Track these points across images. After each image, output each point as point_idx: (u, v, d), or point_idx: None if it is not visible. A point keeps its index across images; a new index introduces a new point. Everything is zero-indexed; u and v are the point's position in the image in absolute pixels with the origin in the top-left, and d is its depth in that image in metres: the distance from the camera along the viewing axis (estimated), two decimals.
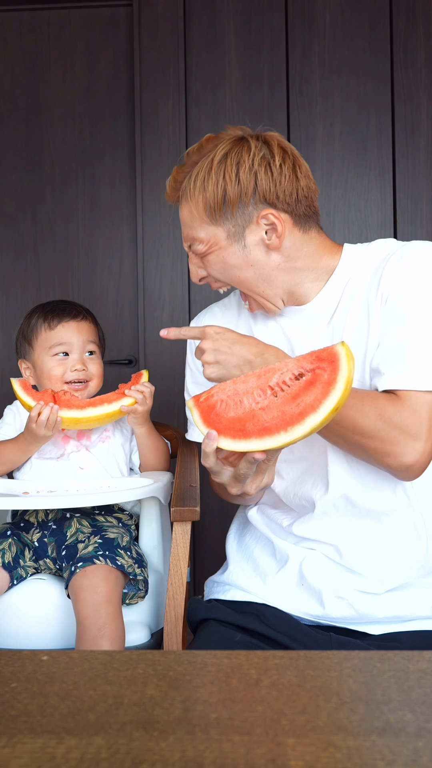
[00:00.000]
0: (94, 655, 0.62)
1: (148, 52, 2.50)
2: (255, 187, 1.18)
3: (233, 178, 1.17)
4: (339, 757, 0.45)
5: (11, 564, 1.39)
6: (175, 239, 2.51)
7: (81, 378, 1.51)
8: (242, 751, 0.46)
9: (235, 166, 1.18)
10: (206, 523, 2.50)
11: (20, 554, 1.42)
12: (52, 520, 1.47)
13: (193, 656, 0.62)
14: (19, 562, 1.41)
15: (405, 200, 2.47)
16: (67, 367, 1.50)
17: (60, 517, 1.47)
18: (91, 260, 2.61)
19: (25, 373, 1.55)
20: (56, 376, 1.50)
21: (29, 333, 1.53)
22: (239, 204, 1.18)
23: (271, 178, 1.18)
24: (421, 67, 2.46)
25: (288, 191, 1.19)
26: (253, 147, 1.19)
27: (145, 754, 0.46)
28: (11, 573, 1.38)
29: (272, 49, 2.50)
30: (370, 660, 0.60)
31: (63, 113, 2.61)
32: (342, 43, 2.48)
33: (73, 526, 1.45)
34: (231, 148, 1.19)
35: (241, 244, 1.20)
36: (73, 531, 1.44)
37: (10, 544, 1.42)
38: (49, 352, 1.51)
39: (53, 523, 1.46)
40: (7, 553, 1.40)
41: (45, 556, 1.44)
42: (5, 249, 2.62)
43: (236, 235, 1.20)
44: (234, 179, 1.17)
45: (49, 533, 1.45)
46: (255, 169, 1.18)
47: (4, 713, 0.52)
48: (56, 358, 1.50)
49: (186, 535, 1.35)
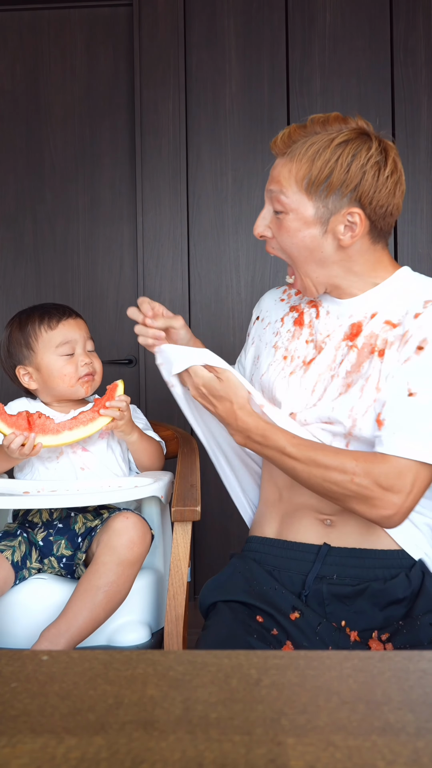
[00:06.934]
0: (94, 655, 0.62)
1: (148, 52, 2.50)
2: (358, 184, 1.22)
3: (344, 166, 1.21)
4: (339, 757, 0.45)
5: (19, 564, 1.39)
6: (175, 239, 2.51)
7: (90, 371, 1.52)
8: (242, 751, 0.46)
9: (350, 156, 1.21)
10: (207, 523, 2.50)
11: (28, 554, 1.42)
12: (57, 518, 1.47)
13: (193, 656, 0.62)
14: (26, 563, 1.41)
15: (405, 200, 2.46)
16: (76, 364, 1.50)
17: (65, 516, 1.47)
18: (91, 260, 2.61)
19: (23, 379, 1.52)
20: (69, 374, 1.49)
21: (26, 338, 1.51)
22: (337, 191, 1.22)
23: (375, 183, 1.22)
24: (421, 67, 2.46)
25: (382, 202, 1.24)
26: (374, 148, 1.23)
27: (145, 754, 0.46)
28: (17, 573, 1.39)
29: (272, 49, 2.50)
30: (370, 660, 0.60)
31: (63, 113, 2.61)
32: (342, 43, 2.48)
33: (79, 521, 1.45)
34: (354, 138, 1.23)
35: (323, 228, 1.25)
36: (80, 525, 1.45)
37: (20, 542, 1.42)
38: (55, 351, 1.50)
39: (59, 522, 1.47)
40: (17, 551, 1.40)
41: (50, 554, 1.45)
42: (5, 249, 2.62)
43: (322, 217, 1.24)
44: (345, 167, 1.21)
45: (55, 531, 1.46)
46: (365, 168, 1.22)
47: (4, 713, 0.52)
48: (64, 358, 1.50)
49: (187, 535, 1.35)
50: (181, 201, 2.50)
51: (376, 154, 1.23)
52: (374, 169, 1.22)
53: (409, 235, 2.45)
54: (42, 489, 1.41)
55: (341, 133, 1.23)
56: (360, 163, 1.21)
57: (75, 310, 1.59)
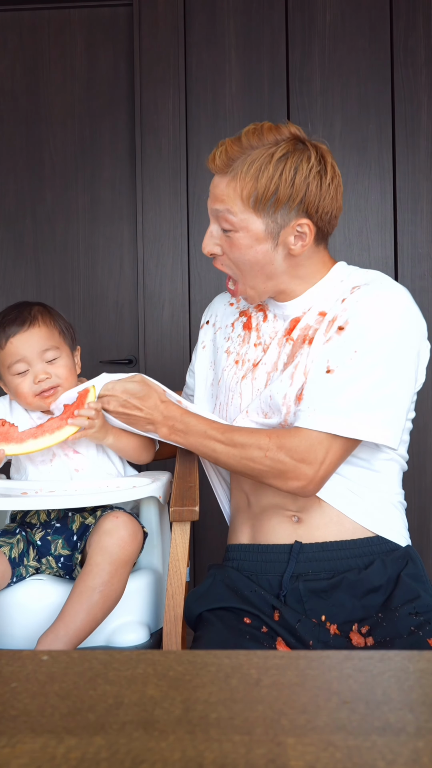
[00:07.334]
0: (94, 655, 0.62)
1: (148, 52, 2.50)
2: (304, 196, 1.24)
3: (288, 181, 1.23)
4: (339, 757, 0.45)
5: (16, 560, 1.39)
6: (175, 239, 2.51)
7: (49, 386, 1.43)
8: (242, 751, 0.46)
9: (293, 170, 1.23)
10: (205, 523, 2.50)
11: (26, 552, 1.42)
12: (55, 518, 1.47)
13: (193, 656, 0.62)
14: (23, 561, 1.41)
15: (405, 200, 2.47)
16: (30, 381, 1.42)
17: (63, 516, 1.47)
18: (91, 260, 2.61)
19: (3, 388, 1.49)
20: (24, 393, 1.43)
21: None
22: (285, 206, 1.24)
23: (319, 193, 1.25)
24: (421, 67, 2.46)
25: (327, 209, 1.27)
26: (313, 158, 1.25)
27: (145, 754, 0.46)
28: (14, 570, 1.39)
29: (272, 49, 2.50)
30: (370, 660, 0.60)
31: (63, 113, 2.61)
32: (342, 43, 2.48)
33: (77, 520, 1.45)
34: (292, 150, 1.24)
35: (274, 242, 1.27)
36: (77, 525, 1.45)
37: (18, 540, 1.42)
38: (9, 371, 1.43)
39: (57, 522, 1.47)
40: (14, 548, 1.40)
41: (48, 554, 1.44)
42: (5, 249, 2.62)
43: (273, 232, 1.26)
44: (289, 182, 1.23)
45: (53, 531, 1.45)
46: (309, 180, 1.24)
47: (4, 713, 0.52)
48: (18, 376, 1.42)
49: (185, 535, 1.35)
50: (181, 201, 2.50)
51: (316, 164, 1.25)
52: (316, 179, 1.24)
53: (409, 235, 2.45)
54: (40, 490, 1.41)
55: (279, 146, 1.24)
56: (303, 176, 1.23)
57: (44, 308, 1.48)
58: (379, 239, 2.47)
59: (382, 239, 2.47)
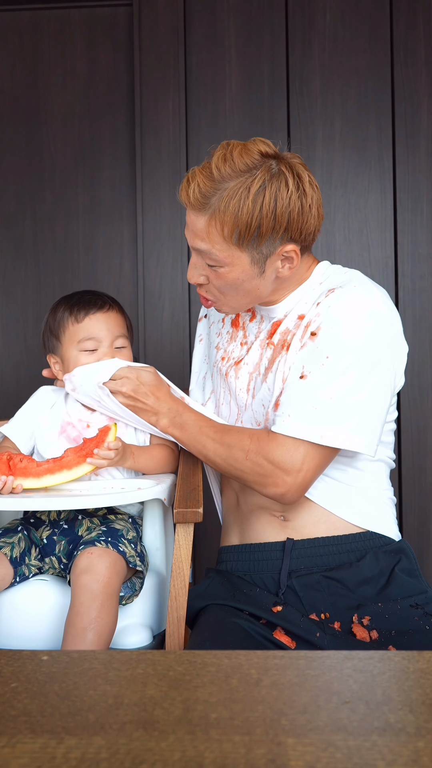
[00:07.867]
0: (94, 655, 0.62)
1: (148, 52, 2.50)
2: (287, 225, 1.22)
3: (270, 214, 1.20)
4: (339, 757, 0.45)
5: (17, 560, 1.39)
6: (175, 239, 2.51)
7: None
8: (242, 751, 0.46)
9: (273, 201, 1.20)
10: (209, 525, 2.50)
11: (27, 552, 1.42)
12: (64, 519, 1.47)
13: (193, 656, 0.62)
14: (25, 560, 1.41)
15: (405, 200, 2.47)
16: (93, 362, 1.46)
17: (72, 517, 1.46)
18: (91, 260, 2.61)
19: (54, 368, 1.51)
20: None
21: (56, 327, 1.49)
22: (269, 237, 1.22)
23: (301, 218, 1.23)
24: (421, 67, 2.46)
25: (311, 230, 1.26)
26: (291, 182, 1.21)
27: (145, 754, 0.46)
28: (16, 569, 1.38)
29: (272, 49, 2.50)
30: (370, 660, 0.60)
31: (63, 113, 2.61)
32: (342, 43, 2.48)
33: (84, 524, 1.45)
34: (269, 179, 1.20)
35: (261, 271, 1.26)
36: (84, 529, 1.44)
37: (20, 539, 1.41)
38: (77, 346, 1.46)
39: (65, 523, 1.46)
40: (15, 547, 1.39)
41: (51, 554, 1.44)
42: (5, 249, 2.62)
43: (259, 262, 1.25)
44: (270, 215, 1.20)
45: (59, 532, 1.45)
46: (290, 209, 1.21)
47: (4, 713, 0.52)
48: (84, 353, 1.46)
49: (188, 537, 1.35)
50: None
51: (294, 190, 1.21)
52: (297, 204, 1.22)
53: (409, 235, 2.45)
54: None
55: (254, 176, 1.19)
56: (283, 205, 1.20)
57: (115, 300, 1.53)
58: (379, 239, 2.47)
59: (382, 239, 2.47)
